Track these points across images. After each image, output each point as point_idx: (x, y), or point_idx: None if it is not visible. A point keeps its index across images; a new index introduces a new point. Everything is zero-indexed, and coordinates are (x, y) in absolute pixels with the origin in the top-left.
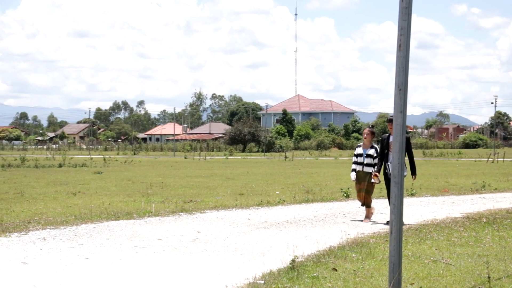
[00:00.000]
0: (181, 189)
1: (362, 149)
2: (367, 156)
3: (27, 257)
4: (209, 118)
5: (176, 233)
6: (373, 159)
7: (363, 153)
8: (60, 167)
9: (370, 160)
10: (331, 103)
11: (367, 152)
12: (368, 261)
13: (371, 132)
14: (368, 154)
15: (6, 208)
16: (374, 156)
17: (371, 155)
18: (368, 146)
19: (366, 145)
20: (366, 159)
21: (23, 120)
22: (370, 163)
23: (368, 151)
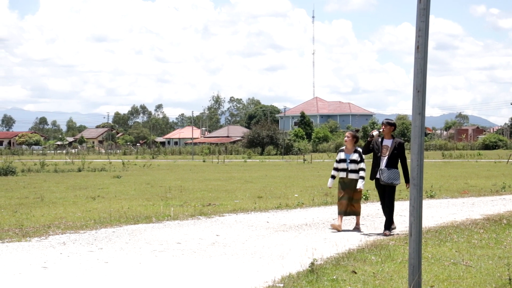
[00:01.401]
0: (200, 193)
1: (345, 154)
2: (351, 162)
3: (47, 262)
4: (227, 121)
5: (195, 236)
6: (357, 163)
7: (346, 158)
8: (79, 171)
9: (354, 166)
10: (349, 105)
11: (350, 157)
12: (388, 263)
13: (353, 136)
14: (352, 159)
15: (26, 212)
16: (358, 161)
17: (355, 160)
18: (351, 151)
19: (349, 150)
20: (350, 165)
21: (43, 125)
22: (355, 169)
23: (352, 156)
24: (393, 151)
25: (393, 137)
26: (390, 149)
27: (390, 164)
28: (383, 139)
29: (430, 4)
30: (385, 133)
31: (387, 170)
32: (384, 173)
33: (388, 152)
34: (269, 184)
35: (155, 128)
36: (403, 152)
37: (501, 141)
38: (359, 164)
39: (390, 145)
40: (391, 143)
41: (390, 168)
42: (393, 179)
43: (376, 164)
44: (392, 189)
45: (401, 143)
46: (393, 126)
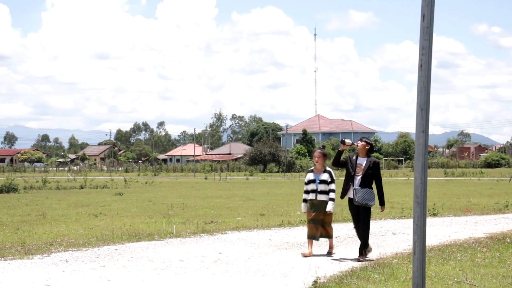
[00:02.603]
0: (202, 210)
1: (314, 174)
2: (320, 182)
3: (50, 279)
4: (229, 138)
5: (197, 254)
6: (327, 184)
7: (315, 179)
8: (82, 188)
9: (324, 187)
10: (351, 123)
11: (320, 178)
12: (391, 282)
13: (322, 154)
14: (322, 179)
15: (29, 230)
16: (329, 181)
17: (325, 180)
18: (321, 171)
19: (318, 170)
20: (320, 186)
21: (45, 142)
22: (325, 189)
23: (321, 176)
24: (367, 170)
25: (368, 156)
26: (364, 168)
27: (364, 183)
28: (357, 157)
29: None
30: (359, 150)
31: (361, 189)
32: (358, 193)
33: (362, 171)
34: (271, 201)
35: (157, 145)
36: (379, 173)
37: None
38: (330, 185)
39: (364, 164)
40: (365, 162)
41: (364, 188)
42: (367, 199)
43: (347, 182)
44: (367, 211)
45: (376, 163)
46: (369, 145)
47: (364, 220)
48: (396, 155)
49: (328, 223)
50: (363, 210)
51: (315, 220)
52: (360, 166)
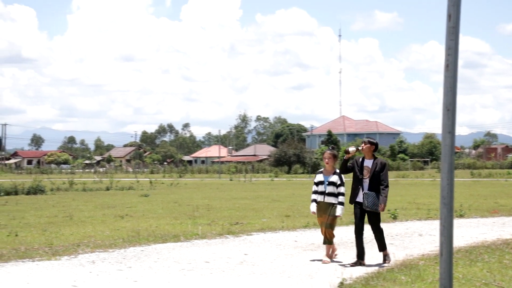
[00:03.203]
0: (227, 211)
1: (323, 175)
2: (329, 184)
3: (77, 280)
4: (254, 140)
5: (223, 255)
6: (336, 187)
7: (324, 181)
8: (108, 190)
9: (332, 189)
10: (377, 124)
11: (329, 179)
12: (418, 283)
13: (333, 155)
14: (331, 181)
15: (56, 231)
16: (338, 184)
17: (333, 182)
18: (331, 172)
19: (328, 171)
20: (328, 187)
21: (71, 144)
22: (333, 192)
23: (330, 178)
24: (374, 172)
25: (374, 157)
26: (371, 170)
27: (373, 186)
28: (363, 159)
29: (459, 22)
30: (365, 152)
31: (371, 194)
32: (369, 198)
33: (369, 174)
34: (296, 202)
35: (182, 147)
36: (386, 174)
37: None
38: (339, 188)
39: (371, 166)
40: (372, 163)
41: (374, 192)
42: (377, 205)
43: (356, 186)
44: (377, 215)
45: (384, 163)
46: (374, 145)
47: (376, 224)
48: (422, 156)
49: (329, 226)
50: (373, 215)
51: (323, 223)
52: (367, 169)
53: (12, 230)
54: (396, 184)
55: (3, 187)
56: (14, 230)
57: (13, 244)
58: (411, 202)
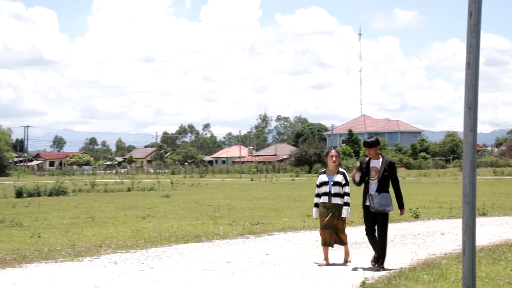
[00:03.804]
0: (248, 211)
1: (327, 175)
2: (334, 184)
3: (100, 281)
4: (274, 139)
5: (244, 255)
6: (341, 187)
7: (328, 181)
8: (129, 191)
9: (338, 189)
10: (398, 123)
11: (334, 179)
12: (441, 282)
13: (339, 153)
14: (336, 181)
15: (78, 232)
16: (343, 184)
17: (339, 182)
18: (335, 172)
19: (332, 171)
20: (334, 188)
21: (92, 146)
22: (339, 192)
23: (335, 178)
24: (383, 173)
25: (381, 157)
26: (379, 171)
27: (381, 188)
28: (370, 160)
29: (481, 20)
30: (371, 155)
31: (377, 195)
32: (375, 199)
33: (377, 174)
34: None
35: (203, 147)
36: (395, 173)
37: None
38: (344, 187)
39: (379, 167)
40: (380, 163)
41: (380, 193)
42: (385, 205)
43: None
44: (385, 217)
45: (392, 163)
46: (376, 145)
47: (382, 226)
48: (444, 154)
49: (341, 230)
50: (381, 217)
51: (328, 226)
52: (375, 170)
53: (35, 231)
54: (417, 183)
55: (26, 189)
56: (37, 231)
57: (36, 245)
58: (433, 200)
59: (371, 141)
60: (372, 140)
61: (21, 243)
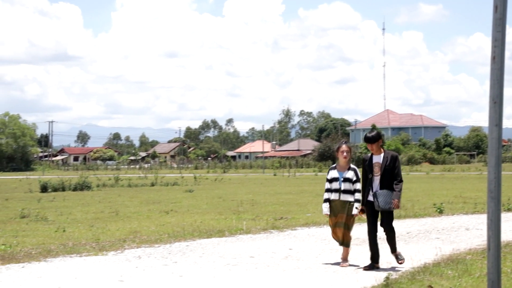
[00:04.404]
0: (272, 206)
1: (337, 171)
2: (344, 181)
3: (124, 275)
4: (297, 134)
5: (268, 250)
6: (352, 183)
7: (339, 177)
8: (152, 186)
9: (348, 186)
10: (422, 118)
11: (344, 176)
12: (465, 278)
13: (350, 148)
14: (346, 177)
15: (102, 227)
16: (354, 180)
17: (349, 178)
18: (345, 168)
19: (342, 167)
20: (344, 184)
21: (116, 141)
22: (349, 189)
23: (346, 174)
24: (385, 167)
25: (383, 151)
26: (382, 166)
27: (385, 184)
28: (372, 156)
29: (506, 13)
30: (374, 150)
31: (382, 192)
32: (380, 197)
33: (380, 170)
34: None
35: (226, 142)
36: (398, 167)
37: None
38: (355, 184)
39: (381, 161)
40: (382, 158)
41: (386, 190)
42: (390, 203)
43: (365, 186)
44: (390, 214)
45: (394, 156)
46: (378, 139)
47: (388, 223)
48: (468, 149)
49: (348, 227)
50: (386, 215)
51: (339, 223)
52: (378, 165)
53: (60, 226)
54: (442, 178)
55: (50, 184)
56: (62, 225)
57: (61, 240)
58: (458, 196)
59: (372, 136)
60: (373, 135)
61: (46, 237)
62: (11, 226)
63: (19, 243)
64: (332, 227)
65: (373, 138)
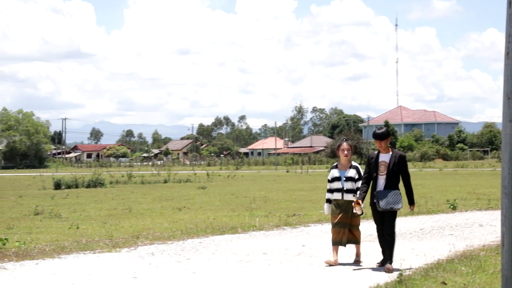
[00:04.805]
0: (284, 203)
1: (339, 170)
2: (346, 180)
3: (137, 272)
4: (310, 131)
5: (280, 247)
6: (354, 182)
7: (340, 176)
8: (165, 183)
9: (351, 185)
10: (435, 114)
11: (346, 175)
12: (479, 274)
13: (351, 146)
14: (348, 176)
15: (115, 223)
16: (356, 179)
17: (351, 177)
18: (347, 166)
19: (344, 166)
20: (346, 183)
21: (129, 138)
22: (352, 188)
23: (348, 173)
24: (392, 167)
25: (391, 150)
26: (389, 165)
27: (390, 184)
28: (378, 154)
29: None
30: (382, 148)
31: (384, 192)
32: (381, 197)
33: (386, 169)
34: None
35: (239, 139)
36: (406, 167)
37: None
38: (357, 182)
39: (388, 161)
40: (390, 157)
41: (389, 190)
42: (392, 203)
43: (369, 184)
44: (393, 215)
45: (402, 156)
46: (387, 136)
47: (390, 225)
48: (482, 145)
49: (355, 227)
50: (389, 215)
51: (341, 223)
52: (384, 164)
53: (73, 223)
54: (455, 174)
55: (64, 181)
56: (75, 222)
57: (74, 237)
58: (471, 192)
59: (382, 133)
60: (383, 132)
61: (60, 234)
62: (25, 223)
63: (33, 240)
64: (332, 225)
65: (382, 134)
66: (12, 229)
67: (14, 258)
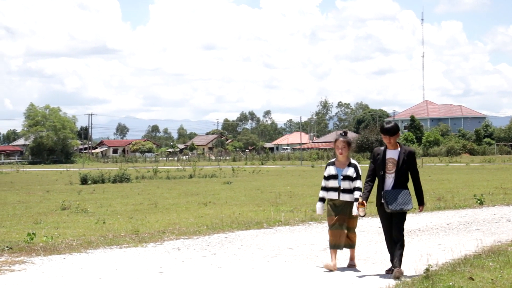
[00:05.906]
0: (310, 198)
1: (336, 168)
2: (344, 179)
3: (163, 267)
4: (335, 126)
5: (306, 242)
6: (352, 181)
7: (337, 174)
8: (191, 178)
9: (348, 184)
10: (461, 108)
11: (343, 173)
12: (507, 270)
13: (347, 143)
14: (346, 175)
15: (142, 218)
16: (354, 178)
17: (349, 176)
18: (345, 164)
19: (341, 163)
20: (343, 183)
21: (155, 133)
22: (349, 188)
23: (345, 171)
24: (402, 165)
25: (399, 146)
26: (398, 162)
27: (399, 183)
28: (385, 150)
29: None
30: (391, 144)
31: (393, 192)
32: (390, 198)
33: (395, 167)
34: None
35: (264, 134)
36: (415, 165)
37: None
38: (355, 181)
39: (397, 157)
40: (398, 154)
41: (398, 189)
42: (402, 203)
43: (373, 182)
44: (402, 216)
45: (412, 153)
46: (397, 131)
47: (398, 227)
48: (509, 140)
49: (352, 229)
50: (397, 216)
51: (339, 225)
52: (392, 161)
53: (100, 218)
54: (482, 169)
55: (90, 176)
56: (102, 217)
57: (101, 231)
58: (498, 187)
59: (391, 127)
60: (392, 126)
61: (87, 229)
62: (52, 218)
63: (60, 235)
64: (329, 227)
65: (392, 129)
66: (40, 224)
67: (41, 252)
